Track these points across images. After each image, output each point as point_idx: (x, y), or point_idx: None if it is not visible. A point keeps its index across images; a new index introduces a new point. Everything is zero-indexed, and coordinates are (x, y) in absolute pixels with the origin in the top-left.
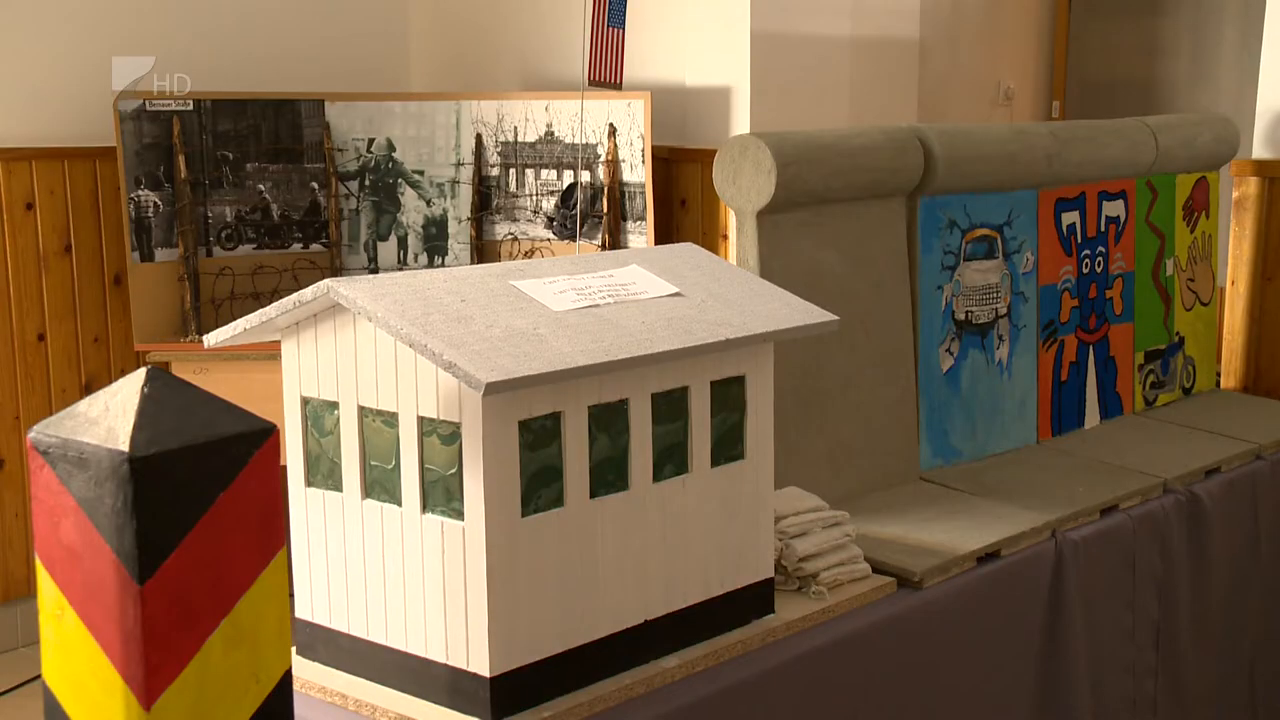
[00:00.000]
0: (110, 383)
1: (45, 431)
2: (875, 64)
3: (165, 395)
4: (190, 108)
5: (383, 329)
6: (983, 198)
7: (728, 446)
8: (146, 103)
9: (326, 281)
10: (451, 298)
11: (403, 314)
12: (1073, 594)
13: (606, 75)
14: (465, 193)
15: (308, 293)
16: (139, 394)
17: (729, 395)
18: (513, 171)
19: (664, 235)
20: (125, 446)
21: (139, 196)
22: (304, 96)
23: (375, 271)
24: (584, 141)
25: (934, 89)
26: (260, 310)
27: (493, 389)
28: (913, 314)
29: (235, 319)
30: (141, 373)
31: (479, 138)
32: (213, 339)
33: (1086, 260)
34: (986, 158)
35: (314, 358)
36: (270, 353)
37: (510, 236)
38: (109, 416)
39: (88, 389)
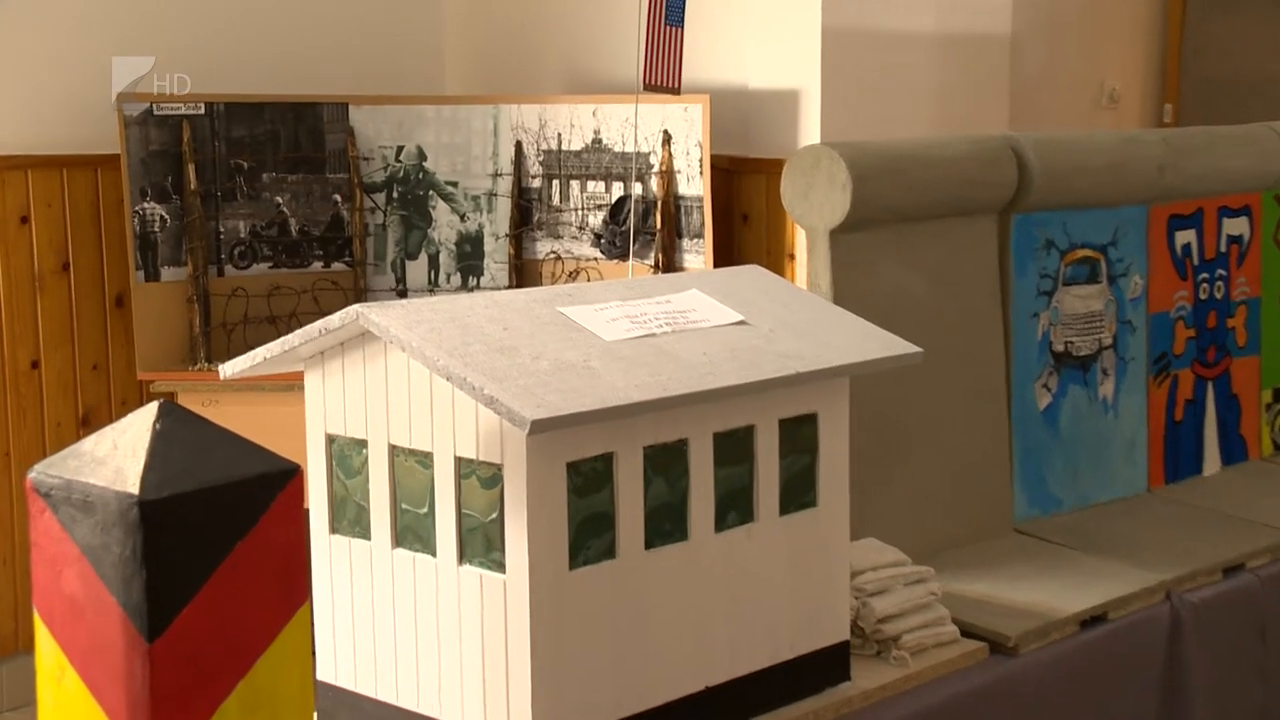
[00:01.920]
0: (110, 415)
1: (47, 472)
2: (962, 63)
3: (179, 432)
4: (201, 111)
5: (418, 360)
6: (1084, 214)
7: (798, 492)
8: (154, 106)
9: (356, 307)
10: (493, 326)
11: (440, 344)
12: (1192, 664)
13: (663, 79)
14: (503, 206)
15: (335, 319)
16: (150, 431)
17: (799, 435)
18: (556, 183)
19: (724, 254)
20: (135, 489)
21: (144, 209)
22: (326, 99)
23: (403, 293)
24: (636, 150)
25: (1028, 91)
26: (282, 339)
27: (538, 427)
28: (1005, 345)
29: (249, 344)
30: (153, 408)
31: (519, 145)
32: (230, 369)
33: (1204, 285)
34: (1089, 169)
35: (340, 391)
36: (287, 383)
37: (553, 255)
38: (117, 456)
39: (85, 422)
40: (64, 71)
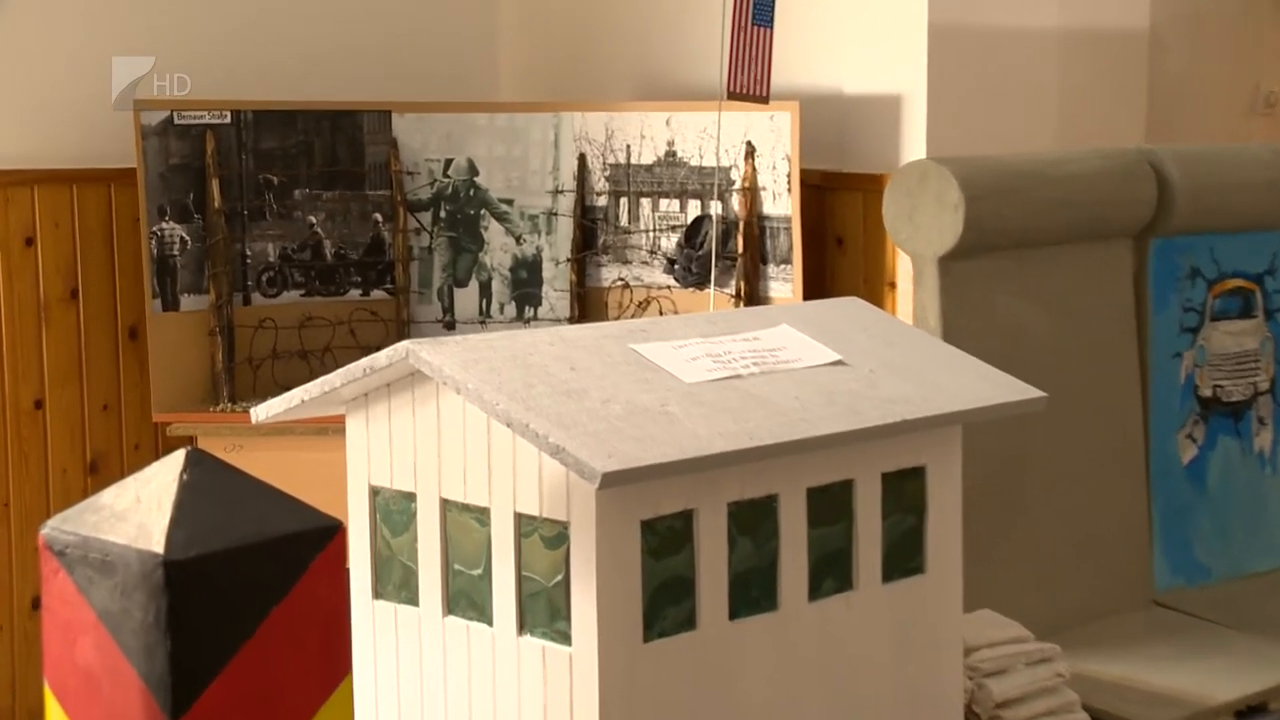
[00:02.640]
0: (121, 461)
1: (62, 528)
2: (1091, 64)
3: (209, 484)
4: (227, 120)
5: (474, 404)
6: (1236, 239)
7: (904, 557)
8: (174, 114)
9: (405, 345)
10: (559, 365)
11: (500, 386)
12: None
13: (750, 86)
14: (565, 227)
15: (382, 358)
16: (177, 482)
17: (905, 492)
18: (624, 201)
19: (814, 284)
20: (160, 547)
21: (162, 230)
22: (366, 106)
23: (451, 325)
24: (715, 164)
25: (1169, 95)
26: (322, 379)
27: (610, 480)
28: (1143, 390)
29: (277, 382)
30: (179, 456)
31: (582, 158)
32: (265, 412)
33: None
34: (1241, 186)
35: (386, 438)
36: (320, 427)
37: (620, 283)
38: (140, 510)
39: (94, 469)
40: (74, 77)
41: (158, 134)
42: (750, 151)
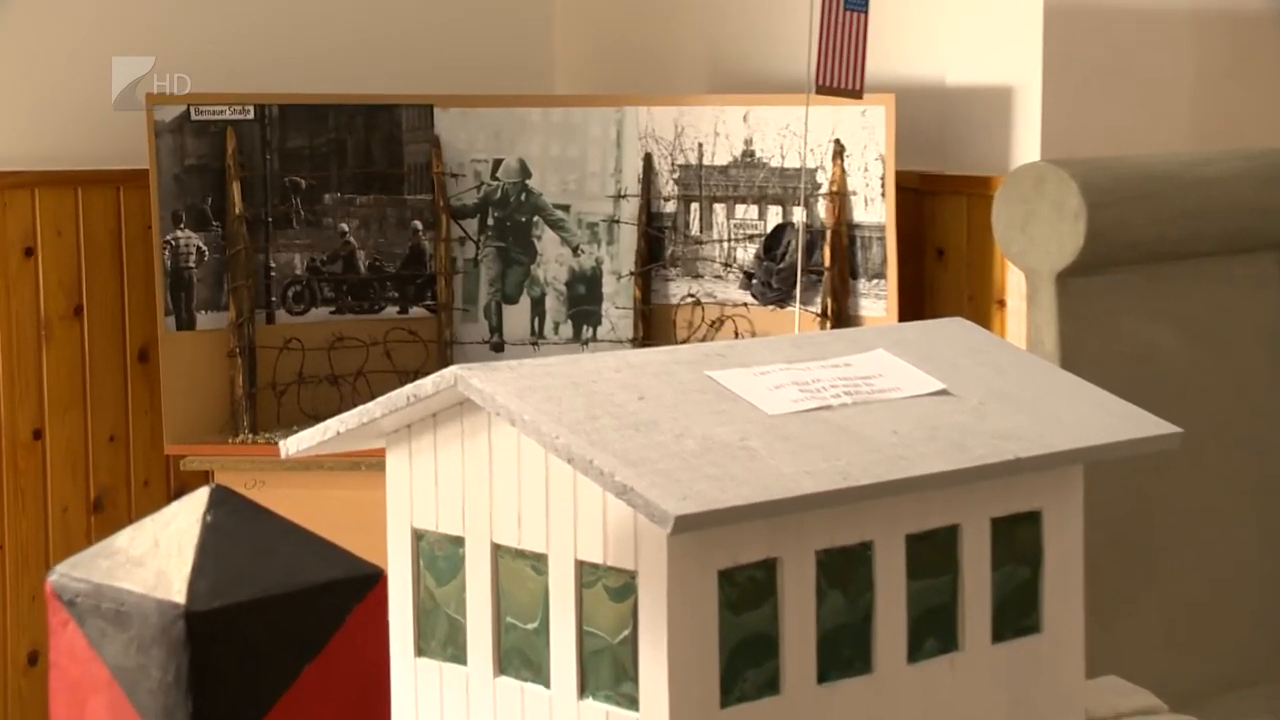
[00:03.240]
0: (129, 498)
1: (72, 574)
2: (1232, 51)
3: (235, 526)
4: (249, 115)
5: (531, 437)
6: None
7: (1017, 614)
8: (192, 109)
9: (454, 370)
10: (627, 394)
11: (560, 416)
12: None
13: (842, 79)
14: (628, 237)
15: (427, 384)
16: (199, 524)
17: (1019, 540)
18: (696, 207)
19: (912, 301)
20: (181, 597)
21: (177, 239)
22: (405, 100)
23: (499, 346)
24: (799, 165)
25: None
26: (360, 409)
27: (684, 524)
28: None
29: (303, 410)
30: (202, 495)
31: (648, 159)
32: (295, 445)
33: None
34: None
35: (431, 475)
36: (352, 461)
37: (690, 300)
38: (159, 555)
39: (98, 507)
40: (79, 68)
41: (172, 131)
42: (839, 151)
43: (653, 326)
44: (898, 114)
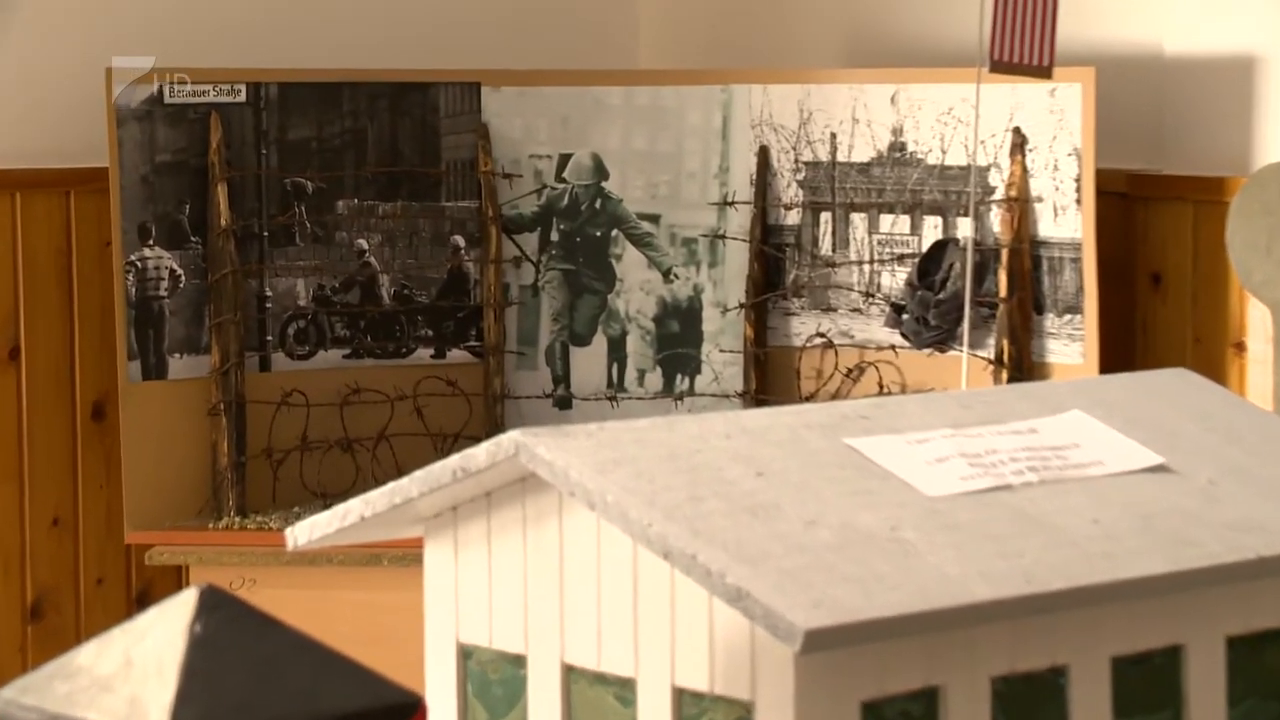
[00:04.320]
0: (77, 601)
1: (21, 701)
2: None
3: (231, 640)
4: (241, 97)
5: (616, 525)
6: None
7: None
8: (165, 88)
9: (514, 436)
10: (740, 468)
11: (653, 498)
12: None
13: (1025, 52)
14: (737, 257)
15: (479, 455)
16: (185, 636)
17: (1264, 665)
18: (827, 218)
19: (1118, 345)
20: None
21: (144, 260)
22: (444, 77)
23: (566, 403)
24: (967, 162)
25: None
26: (391, 486)
27: (817, 641)
28: None
29: (308, 486)
30: (189, 598)
31: (764, 154)
32: (308, 534)
33: None
34: None
35: (483, 574)
36: (371, 554)
37: (820, 341)
38: (132, 677)
39: (36, 614)
40: (17, 40)
41: (140, 119)
42: (1019, 143)
43: (770, 377)
44: (1098, 94)
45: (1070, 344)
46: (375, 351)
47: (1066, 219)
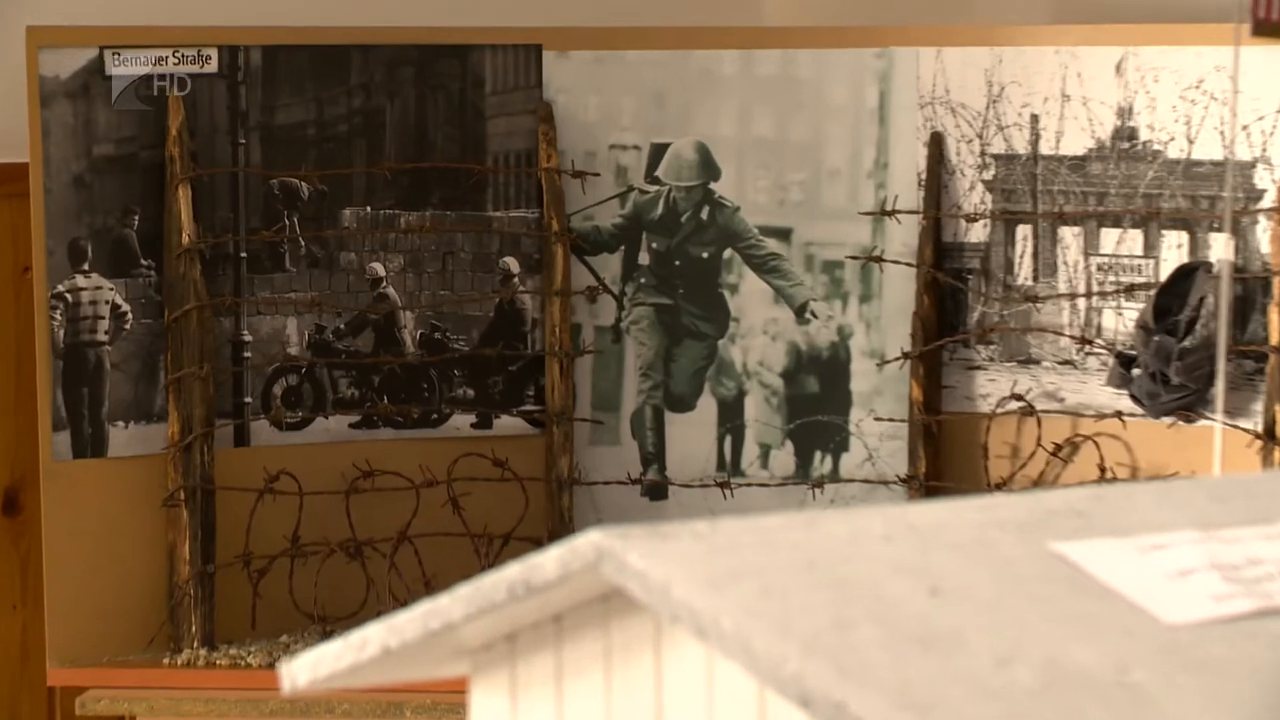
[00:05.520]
0: None
1: None
2: None
3: None
4: (211, 67)
5: (736, 661)
6: None
7: None
8: (108, 55)
9: (593, 539)
10: (905, 583)
11: (787, 624)
12: None
13: None
14: (899, 288)
15: (546, 565)
16: None
17: None
18: (1025, 232)
19: None
20: None
21: (76, 291)
22: (489, 37)
23: (660, 491)
24: (1223, 156)
25: None
26: (425, 608)
27: None
28: None
29: (301, 607)
30: None
31: (937, 143)
32: (305, 673)
33: None
34: None
35: None
36: (393, 704)
37: (1016, 405)
38: None
39: None
40: None
41: (72, 96)
42: None
43: (946, 456)
44: None
45: None
46: (395, 419)
47: None
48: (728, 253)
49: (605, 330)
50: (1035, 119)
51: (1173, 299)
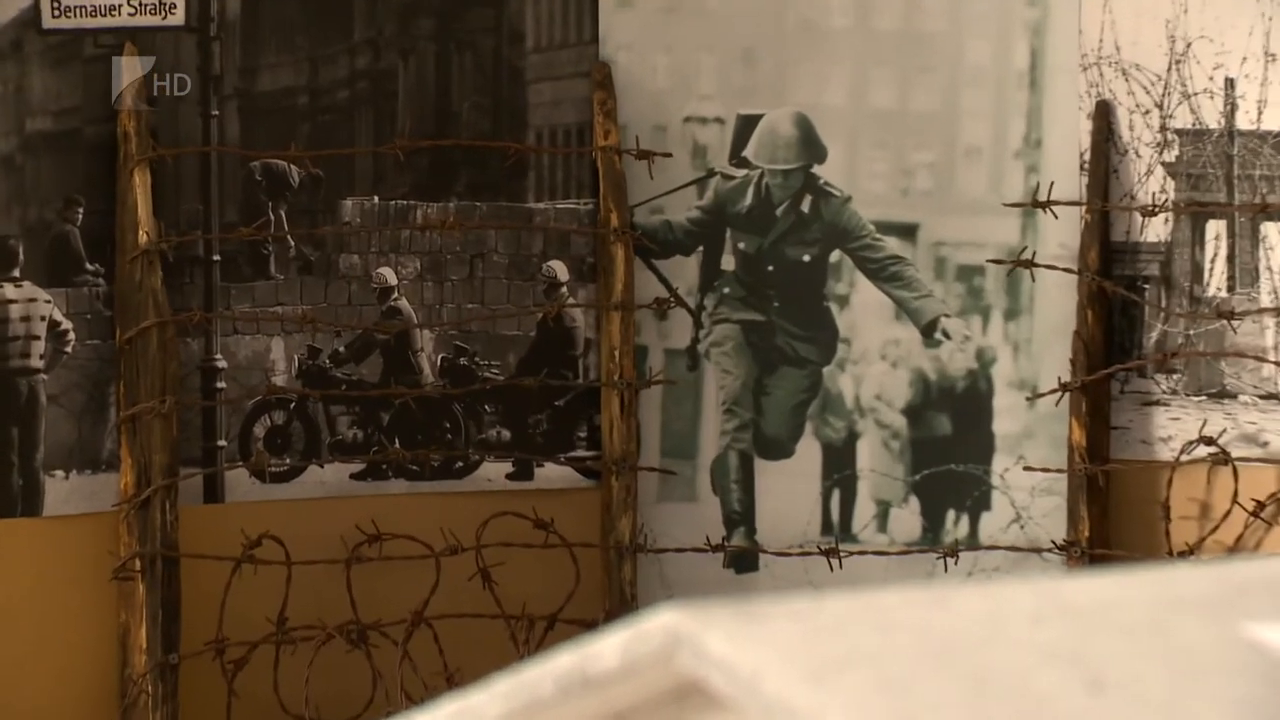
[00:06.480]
0: None
1: None
2: None
3: None
4: (178, 18)
5: None
6: None
7: None
8: (47, 4)
9: (666, 618)
10: (1061, 675)
11: None
12: None
13: None
14: (1056, 300)
15: (606, 652)
16: None
17: None
18: (1217, 229)
19: None
20: None
21: (4, 303)
22: None
23: (749, 562)
24: None
25: None
26: (453, 704)
27: None
28: None
29: (289, 708)
30: None
31: (1103, 114)
32: None
33: None
34: None
35: None
36: None
37: (1209, 451)
38: None
39: None
40: None
41: (2, 54)
42: None
43: (1115, 515)
44: None
45: None
46: (409, 468)
47: None
48: (835, 255)
49: (678, 354)
50: (1231, 84)
51: None
